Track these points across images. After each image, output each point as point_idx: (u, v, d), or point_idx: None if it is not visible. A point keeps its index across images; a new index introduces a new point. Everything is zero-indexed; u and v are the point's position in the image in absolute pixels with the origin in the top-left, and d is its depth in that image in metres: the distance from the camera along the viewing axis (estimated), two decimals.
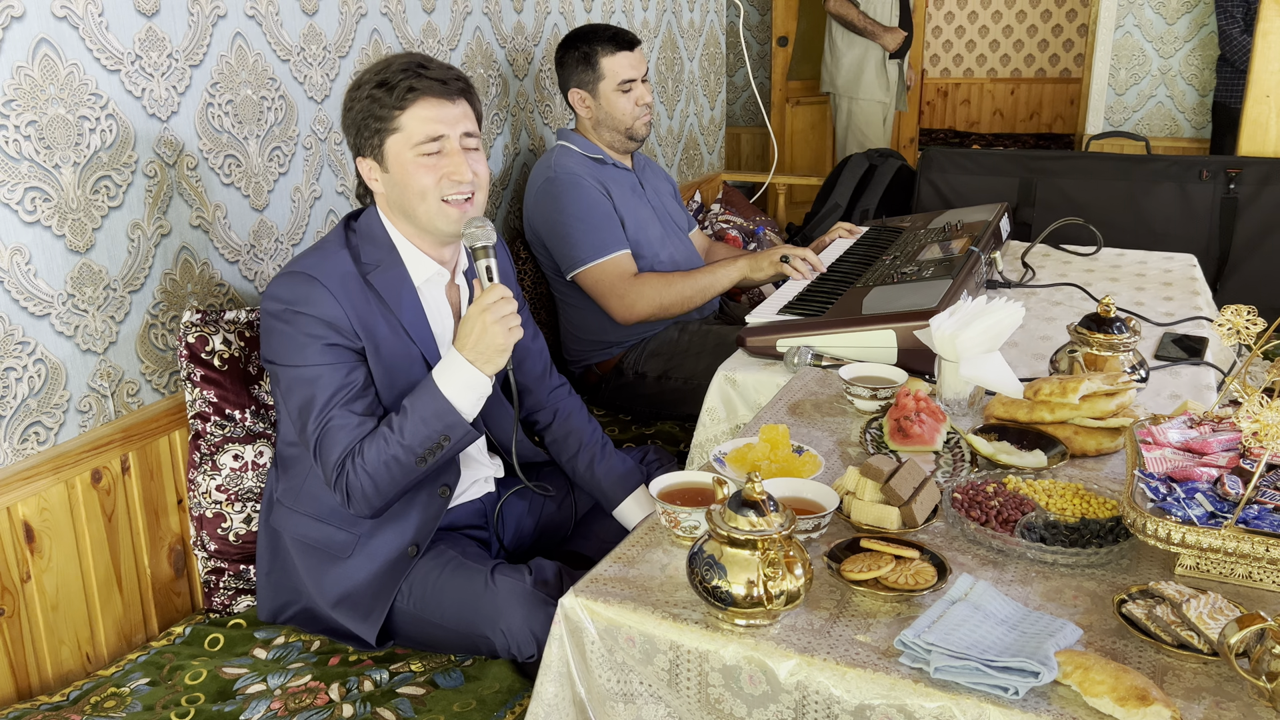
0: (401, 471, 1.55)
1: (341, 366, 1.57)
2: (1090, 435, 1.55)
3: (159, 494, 1.81)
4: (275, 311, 1.59)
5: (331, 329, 1.57)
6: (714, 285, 2.51)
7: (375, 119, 1.60)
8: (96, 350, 1.70)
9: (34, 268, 1.58)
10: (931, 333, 1.70)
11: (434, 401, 1.55)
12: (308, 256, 1.63)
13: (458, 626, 1.60)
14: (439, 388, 1.55)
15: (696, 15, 3.69)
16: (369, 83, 1.61)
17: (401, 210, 1.64)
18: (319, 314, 1.56)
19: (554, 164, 2.51)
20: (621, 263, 2.47)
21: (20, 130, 1.54)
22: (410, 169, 1.60)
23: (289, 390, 1.59)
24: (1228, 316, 1.37)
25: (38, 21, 1.55)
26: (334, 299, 1.57)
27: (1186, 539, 1.17)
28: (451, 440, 1.56)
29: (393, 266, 1.65)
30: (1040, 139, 7.71)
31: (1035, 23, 7.89)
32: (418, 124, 1.59)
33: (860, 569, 1.20)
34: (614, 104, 2.53)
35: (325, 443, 1.56)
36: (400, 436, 1.54)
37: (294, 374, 1.58)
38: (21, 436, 1.60)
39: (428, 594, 1.62)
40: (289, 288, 1.58)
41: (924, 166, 3.42)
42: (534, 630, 1.52)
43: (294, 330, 1.57)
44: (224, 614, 1.81)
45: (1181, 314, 2.26)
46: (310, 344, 1.56)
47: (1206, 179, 3.12)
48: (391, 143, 1.60)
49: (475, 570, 1.61)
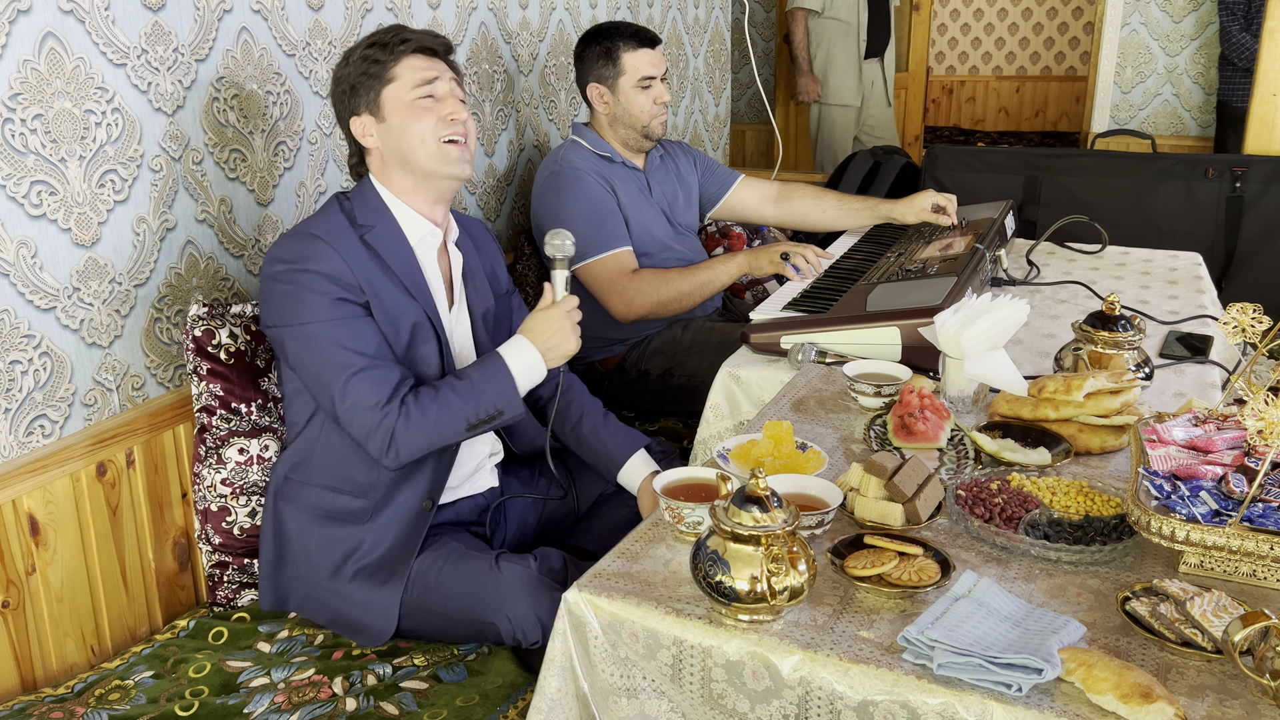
0: (451, 432, 1.61)
1: (354, 319, 1.61)
2: (1094, 433, 1.55)
3: (163, 488, 1.81)
4: (277, 273, 1.61)
5: (337, 284, 1.60)
6: (713, 281, 2.49)
7: (369, 76, 1.68)
8: (102, 344, 1.70)
9: (40, 261, 1.59)
10: (936, 330, 1.70)
11: (501, 378, 1.63)
12: (304, 221, 1.68)
13: (462, 614, 1.60)
14: (508, 366, 1.64)
15: (701, 12, 3.69)
16: (358, 49, 1.70)
17: (400, 159, 1.69)
18: (324, 269, 1.59)
19: (561, 159, 2.51)
20: (622, 259, 2.47)
21: (26, 124, 1.54)
22: (408, 113, 1.67)
23: (302, 348, 1.60)
24: (1233, 315, 1.37)
25: (44, 15, 1.55)
26: (337, 254, 1.61)
27: (1191, 537, 1.17)
28: (504, 415, 1.63)
29: (388, 226, 1.70)
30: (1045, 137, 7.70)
31: (1041, 20, 7.87)
32: (411, 71, 1.68)
33: (864, 565, 1.20)
34: (632, 100, 2.53)
35: (357, 392, 1.57)
36: (463, 400, 1.60)
37: (305, 331, 1.59)
38: (27, 429, 1.60)
39: (430, 583, 1.63)
40: (290, 247, 1.62)
41: (929, 164, 3.42)
42: (539, 615, 1.53)
43: (299, 288, 1.59)
44: (228, 607, 1.82)
45: (1187, 312, 2.26)
46: (319, 299, 1.59)
47: (1212, 177, 3.11)
48: (388, 92, 1.67)
49: (479, 558, 1.62)
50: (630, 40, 2.51)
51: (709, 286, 2.49)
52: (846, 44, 4.77)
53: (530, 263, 2.66)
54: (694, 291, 2.48)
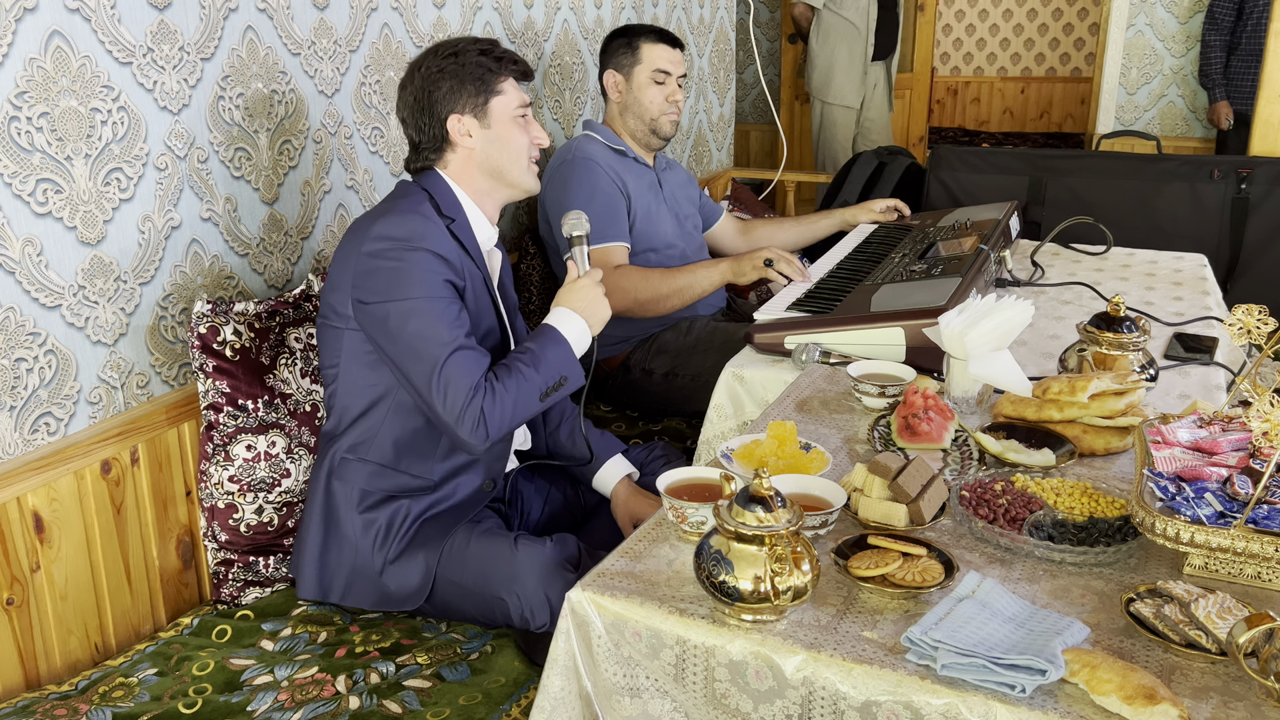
0: (529, 405, 1.67)
1: (455, 302, 1.67)
2: (1099, 434, 1.55)
3: (168, 485, 1.81)
4: (382, 250, 1.65)
5: (446, 265, 1.67)
6: (693, 286, 2.48)
7: (483, 81, 1.76)
8: (107, 342, 1.70)
9: (45, 259, 1.59)
10: (940, 330, 1.70)
11: (560, 347, 1.70)
12: (396, 208, 1.70)
13: (477, 587, 1.65)
14: (564, 335, 1.71)
15: (706, 12, 3.69)
16: (470, 50, 1.77)
17: (491, 165, 1.79)
18: (436, 249, 1.66)
19: (574, 148, 2.53)
20: (611, 253, 2.46)
21: (32, 122, 1.54)
22: (513, 127, 1.79)
23: (401, 323, 1.63)
24: (1238, 316, 1.37)
25: (50, 13, 1.55)
26: (446, 235, 1.70)
27: (1195, 538, 1.16)
28: (569, 380, 1.71)
29: (465, 223, 1.78)
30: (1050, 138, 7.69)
31: (1046, 21, 7.86)
32: (515, 91, 1.80)
33: (867, 566, 1.20)
34: (644, 91, 2.56)
35: (455, 371, 1.61)
36: (535, 371, 1.67)
37: (410, 306, 1.63)
38: (32, 427, 1.61)
39: (455, 554, 1.69)
40: (400, 225, 1.66)
41: (933, 164, 3.42)
42: (549, 596, 1.58)
43: (408, 265, 1.64)
44: (232, 605, 1.82)
45: (1191, 314, 2.26)
46: (429, 277, 1.64)
47: (1218, 179, 3.10)
48: (497, 103, 1.77)
49: (501, 536, 1.69)
50: (652, 35, 2.60)
51: (689, 291, 2.47)
52: (854, 45, 4.77)
53: (534, 263, 2.66)
54: (673, 295, 2.46)
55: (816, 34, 4.82)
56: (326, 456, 1.76)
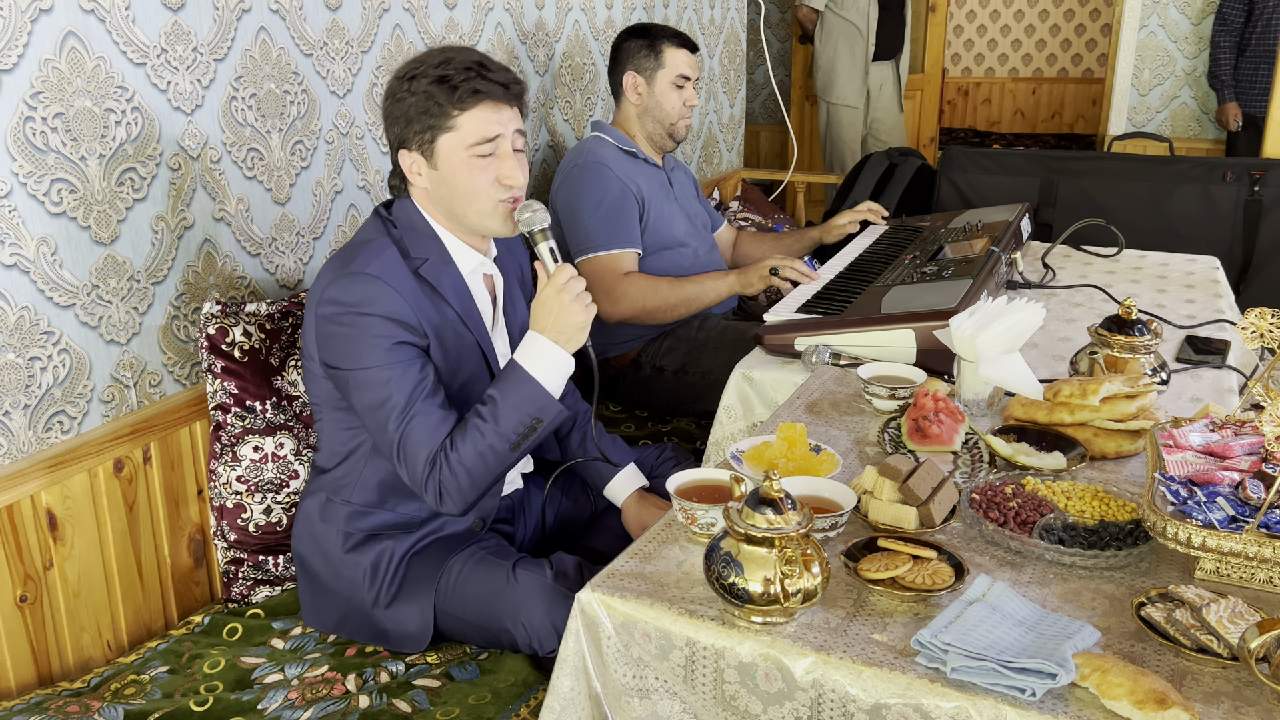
0: (497, 460, 1.55)
1: (414, 364, 1.55)
2: (1110, 437, 1.54)
3: (179, 484, 1.82)
4: (333, 315, 1.55)
5: (400, 326, 1.54)
6: (700, 297, 2.51)
7: (430, 115, 1.57)
8: (120, 341, 1.71)
9: (60, 259, 1.60)
10: (951, 333, 1.70)
11: (524, 386, 1.55)
12: (358, 256, 1.57)
13: (480, 620, 1.61)
14: (528, 371, 1.55)
15: (717, 13, 3.68)
16: (427, 76, 1.57)
17: (446, 208, 1.63)
18: (386, 313, 1.53)
19: (586, 152, 2.53)
20: (620, 259, 2.48)
21: (47, 122, 1.55)
22: (462, 169, 1.58)
23: (359, 392, 1.56)
24: (1251, 319, 1.36)
25: (65, 14, 1.56)
26: (398, 295, 1.54)
27: (1207, 543, 1.16)
28: (544, 421, 1.56)
29: (442, 259, 1.64)
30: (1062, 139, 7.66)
31: (1058, 22, 7.83)
32: (475, 124, 1.56)
33: (877, 568, 1.20)
34: (665, 96, 2.59)
35: (411, 442, 1.53)
36: (495, 425, 1.53)
37: (364, 376, 1.54)
38: (45, 425, 1.62)
39: (452, 588, 1.63)
40: (349, 289, 1.54)
41: (944, 166, 3.41)
42: (555, 624, 1.52)
43: (358, 332, 1.54)
44: (242, 604, 1.83)
45: (1204, 316, 2.25)
46: (379, 344, 1.53)
47: (1230, 181, 3.09)
48: (444, 140, 1.58)
49: (497, 565, 1.61)
50: (674, 39, 2.61)
51: (696, 301, 2.50)
52: (854, 45, 4.78)
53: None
54: (680, 305, 2.49)
55: (820, 35, 4.84)
56: (312, 495, 1.72)
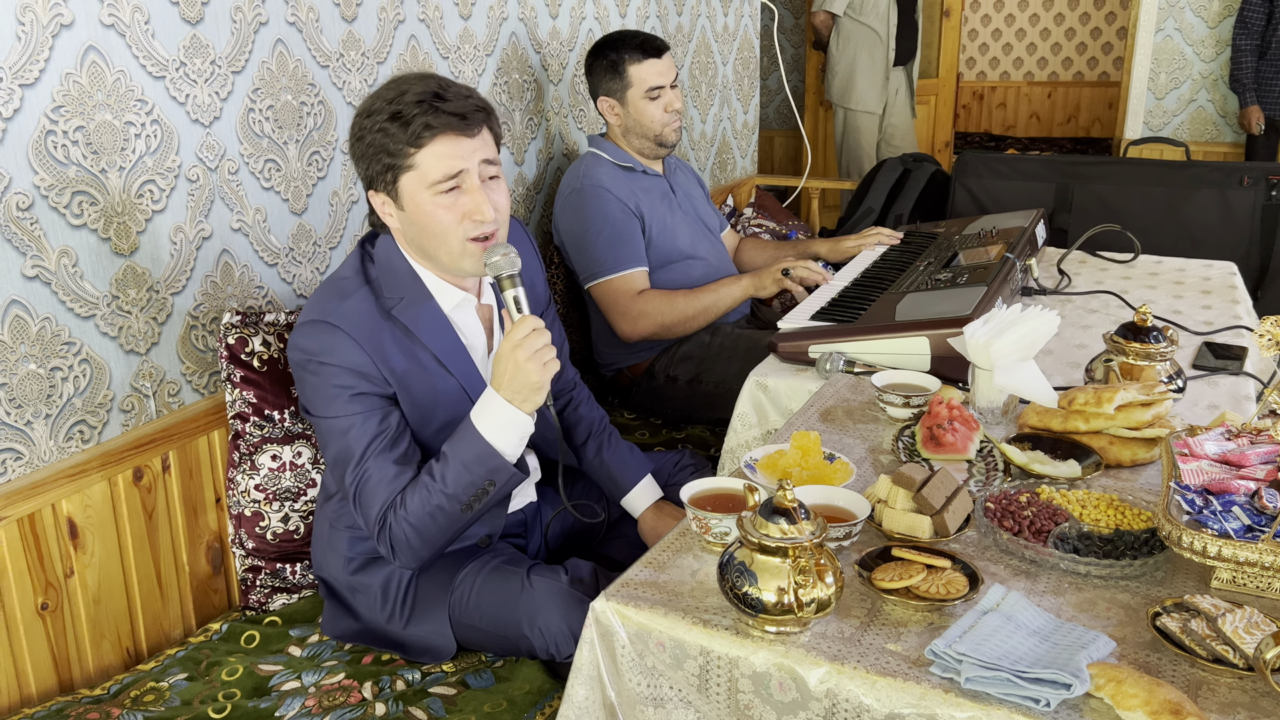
0: (447, 521, 1.52)
1: (373, 415, 1.53)
2: (1125, 446, 1.54)
3: (198, 492, 1.84)
4: (300, 362, 1.56)
5: (359, 377, 1.52)
6: (717, 304, 2.52)
7: (388, 154, 1.51)
8: (139, 351, 1.73)
9: (80, 270, 1.62)
10: (965, 340, 1.69)
11: (475, 445, 1.49)
12: (326, 299, 1.56)
13: (496, 628, 1.61)
14: (479, 430, 1.49)
15: (730, 19, 3.69)
16: (381, 113, 1.51)
17: (418, 248, 1.58)
18: (343, 363, 1.51)
19: (582, 174, 2.53)
20: (631, 279, 2.49)
21: (69, 135, 1.57)
22: (428, 209, 1.51)
23: (324, 440, 1.58)
24: (1268, 327, 1.36)
25: (86, 29, 1.58)
26: (357, 345, 1.51)
27: (1223, 552, 1.16)
28: (497, 484, 1.51)
29: (419, 298, 1.59)
30: (1078, 143, 7.63)
31: (1073, 25, 7.81)
32: (435, 161, 1.49)
33: (891, 578, 1.20)
34: (642, 111, 2.54)
35: (364, 496, 1.53)
36: (443, 485, 1.49)
37: (327, 424, 1.55)
38: (67, 435, 1.64)
39: (467, 598, 1.63)
40: (310, 337, 1.54)
41: (959, 171, 3.40)
42: (571, 628, 1.53)
43: (321, 380, 1.53)
44: (260, 611, 1.84)
45: (1221, 323, 2.24)
46: (338, 395, 1.53)
47: (1248, 185, 3.07)
48: (406, 180, 1.51)
49: (511, 572, 1.62)
50: (636, 52, 2.51)
51: (713, 310, 2.51)
52: (874, 50, 4.78)
53: (558, 271, 2.67)
54: (698, 315, 2.50)
55: (836, 41, 4.84)
56: (319, 518, 1.74)
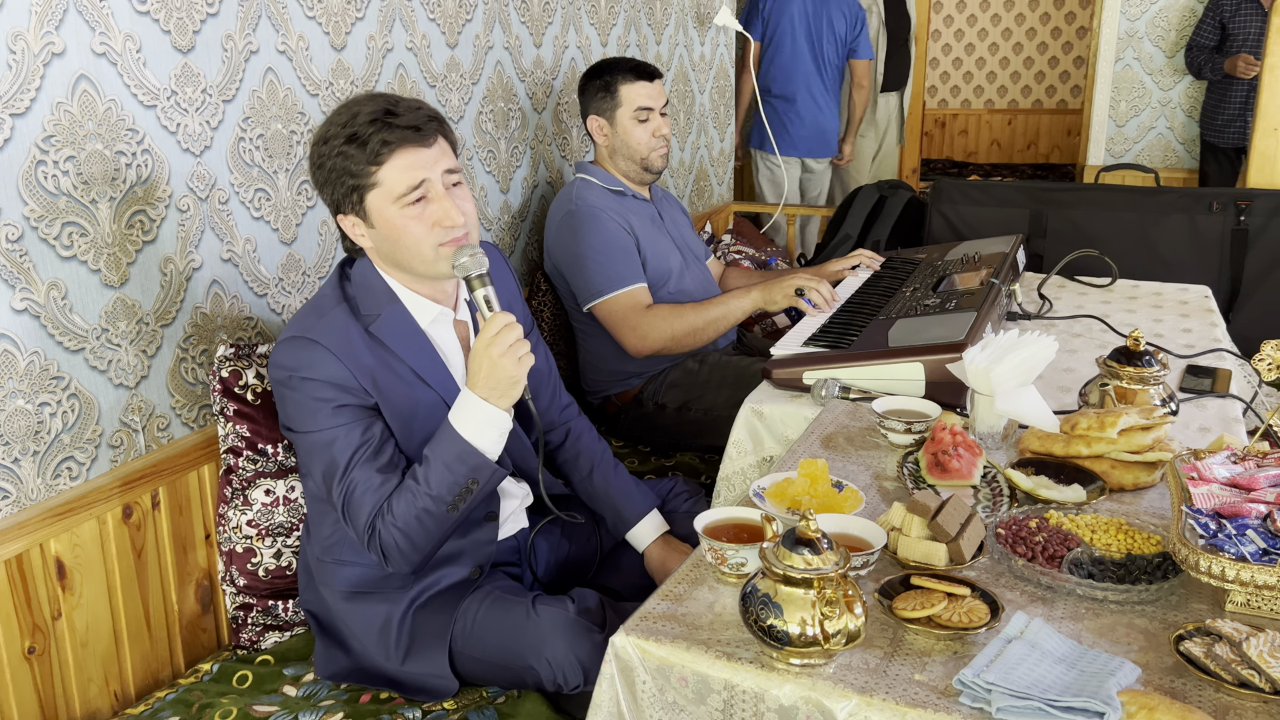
0: (434, 522, 1.52)
1: (356, 425, 1.54)
2: (1127, 469, 1.55)
3: (188, 529, 1.80)
4: (281, 379, 1.57)
5: (338, 389, 1.53)
6: (727, 317, 2.51)
7: (350, 175, 1.52)
8: (129, 385, 1.69)
9: (70, 302, 1.58)
10: (965, 367, 1.71)
11: (455, 445, 1.51)
12: (305, 317, 1.59)
13: (500, 659, 1.58)
14: (458, 431, 1.51)
15: (707, 49, 3.72)
16: (337, 138, 1.52)
17: (394, 263, 1.60)
18: (323, 376, 1.53)
19: (575, 197, 2.52)
20: (636, 295, 2.48)
21: (59, 166, 1.54)
22: (398, 223, 1.53)
23: (309, 455, 1.57)
24: (1269, 352, 1.38)
25: (78, 58, 1.55)
26: (336, 359, 1.53)
27: (1241, 576, 1.17)
28: (480, 482, 1.52)
29: (395, 314, 1.61)
30: (1038, 169, 7.78)
31: (1032, 55, 7.98)
32: (397, 174, 1.51)
33: (913, 607, 1.19)
34: (630, 132, 2.55)
35: (352, 506, 1.54)
36: (427, 487, 1.50)
37: (310, 439, 1.56)
38: (54, 472, 1.59)
39: (469, 629, 1.60)
40: (289, 354, 1.55)
41: (934, 198, 3.44)
42: (579, 657, 1.51)
43: (301, 396, 1.54)
44: (252, 650, 1.79)
45: (1201, 345, 2.27)
46: (320, 408, 1.54)
47: (1217, 210, 3.14)
48: (373, 198, 1.53)
49: (516, 602, 1.60)
50: (628, 74, 2.55)
51: (723, 321, 2.50)
52: None
53: (546, 299, 2.66)
54: (707, 327, 2.49)
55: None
56: (306, 554, 1.72)
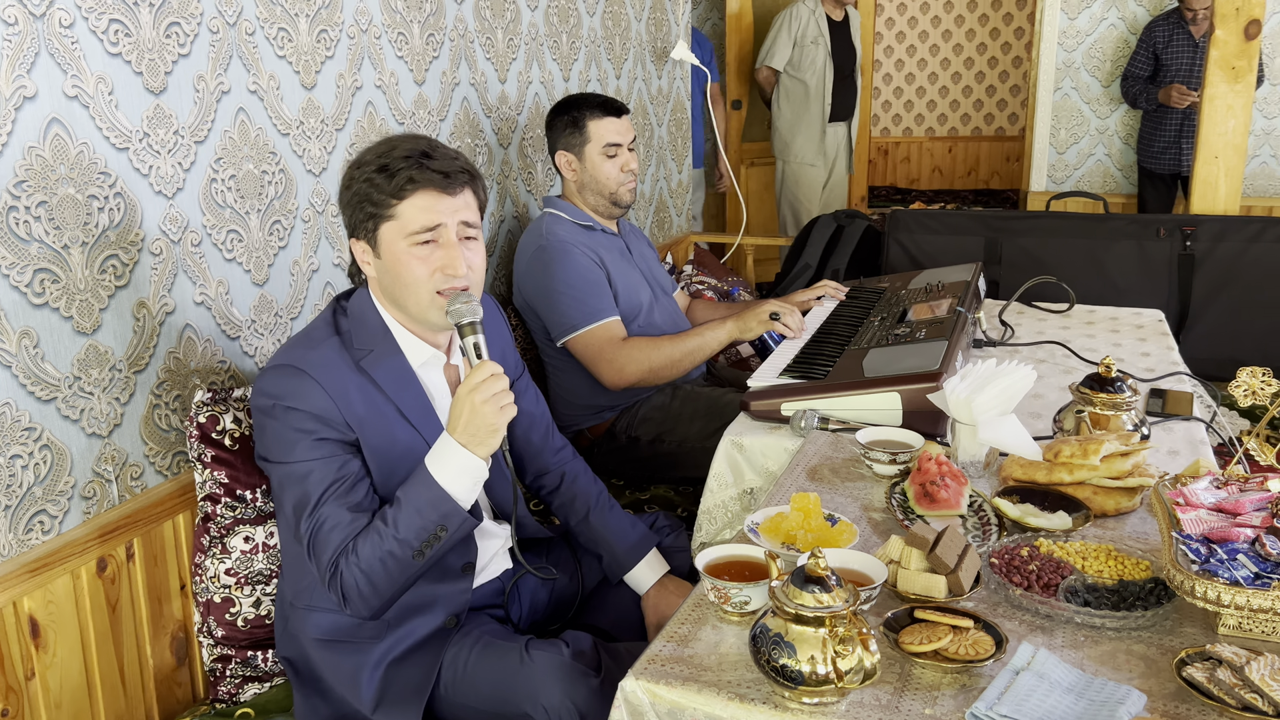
0: (399, 567, 1.48)
1: (333, 460, 1.52)
2: (1109, 495, 1.58)
3: (163, 580, 1.74)
4: (264, 407, 1.54)
5: (321, 422, 1.51)
6: (703, 348, 2.52)
7: (371, 203, 1.56)
8: (101, 433, 1.64)
9: (41, 351, 1.53)
10: (946, 397, 1.73)
11: (428, 490, 1.48)
12: (295, 347, 1.58)
13: (493, 706, 1.55)
14: (432, 475, 1.49)
15: (664, 82, 3.76)
16: (370, 164, 1.57)
17: (391, 298, 1.60)
18: (307, 407, 1.51)
19: (545, 232, 2.52)
20: (611, 328, 2.48)
21: (30, 211, 1.50)
22: (403, 258, 1.55)
23: (282, 487, 1.54)
24: (1244, 378, 1.42)
25: (49, 101, 1.52)
26: (322, 391, 1.52)
27: (1236, 600, 1.20)
28: (449, 530, 1.49)
29: (388, 352, 1.60)
30: (980, 194, 7.96)
31: (970, 84, 8.19)
32: (414, 212, 1.54)
33: (920, 641, 1.20)
34: (598, 167, 2.56)
35: (318, 541, 1.50)
36: (395, 530, 1.47)
37: (285, 470, 1.53)
38: (26, 526, 1.53)
39: (459, 676, 1.57)
40: (276, 382, 1.53)
41: (892, 226, 3.51)
42: (576, 703, 1.48)
43: (283, 426, 1.52)
44: (231, 704, 1.74)
45: (1161, 369, 2.34)
46: (301, 439, 1.51)
47: (1163, 237, 3.24)
48: (386, 229, 1.56)
49: (508, 647, 1.57)
50: (596, 109, 2.56)
51: (699, 353, 2.51)
52: (811, 105, 4.94)
53: (515, 334, 2.65)
54: (684, 358, 2.50)
55: (778, 97, 4.99)
56: (280, 602, 1.68)
